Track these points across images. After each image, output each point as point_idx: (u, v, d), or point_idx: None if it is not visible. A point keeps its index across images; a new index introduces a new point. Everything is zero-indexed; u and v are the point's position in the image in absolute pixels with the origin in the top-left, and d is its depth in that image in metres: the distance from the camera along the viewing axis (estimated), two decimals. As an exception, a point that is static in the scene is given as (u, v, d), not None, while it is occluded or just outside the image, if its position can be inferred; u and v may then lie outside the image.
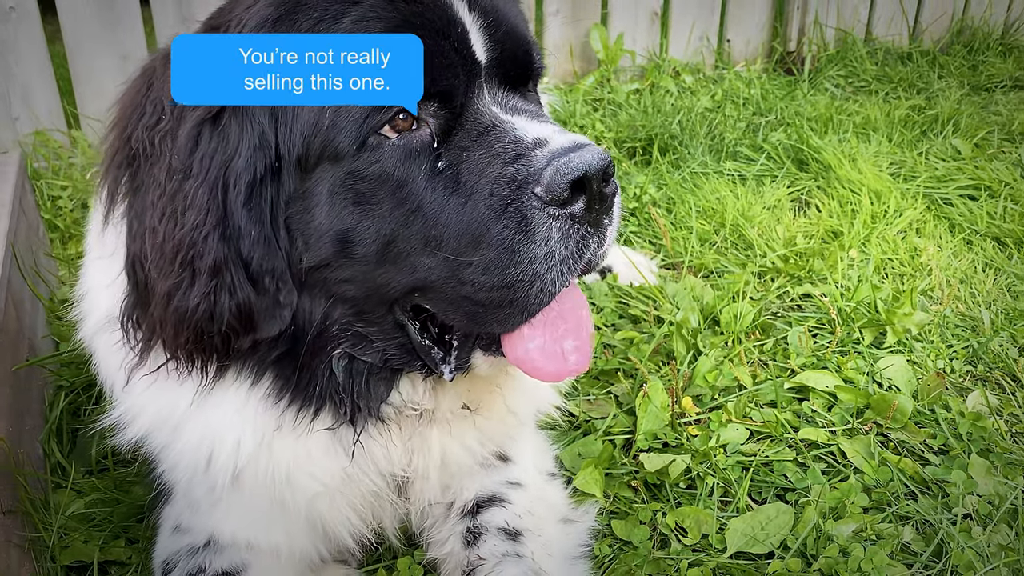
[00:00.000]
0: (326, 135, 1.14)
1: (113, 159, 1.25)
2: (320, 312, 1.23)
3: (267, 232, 1.17)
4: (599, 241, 1.17)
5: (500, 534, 1.43)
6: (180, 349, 1.20)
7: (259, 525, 1.43)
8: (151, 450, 1.44)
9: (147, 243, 1.18)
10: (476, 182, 1.15)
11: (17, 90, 3.36)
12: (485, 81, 1.21)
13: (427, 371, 1.30)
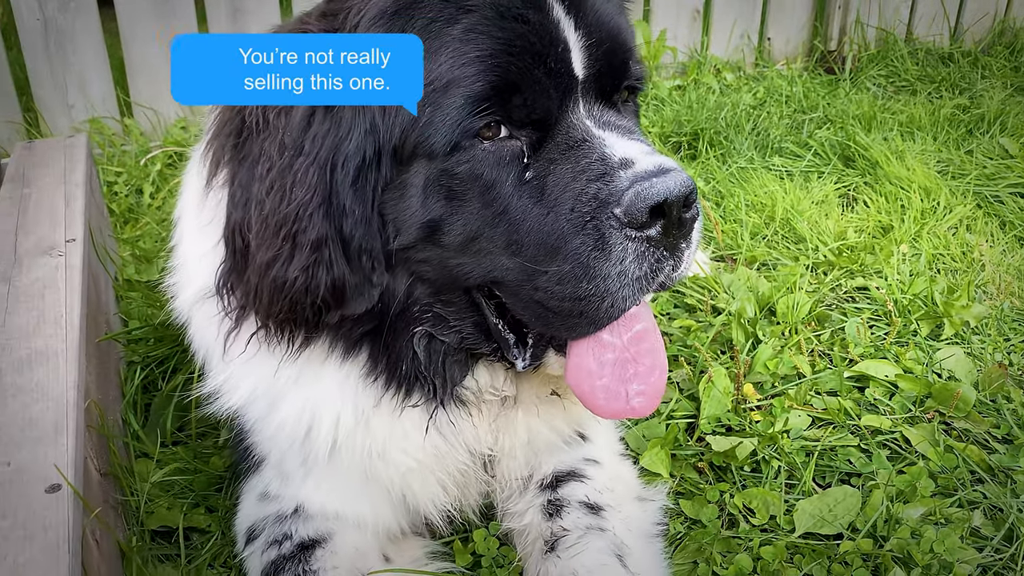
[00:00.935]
0: (422, 132, 1.18)
1: (223, 128, 1.30)
2: (402, 289, 1.27)
3: (368, 213, 1.21)
4: (674, 264, 1.19)
5: (582, 508, 1.47)
6: (272, 318, 1.25)
7: (348, 497, 1.48)
8: (246, 421, 1.49)
9: (251, 213, 1.23)
10: (560, 195, 1.19)
11: (74, 78, 3.43)
12: (581, 95, 1.23)
13: (500, 356, 1.33)
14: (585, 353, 1.26)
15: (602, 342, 1.25)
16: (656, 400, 1.27)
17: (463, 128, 1.17)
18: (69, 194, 2.12)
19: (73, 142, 2.50)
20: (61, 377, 1.41)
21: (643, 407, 1.27)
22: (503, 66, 1.16)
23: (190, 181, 1.62)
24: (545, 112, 1.20)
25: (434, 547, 1.57)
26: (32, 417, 1.31)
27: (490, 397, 1.41)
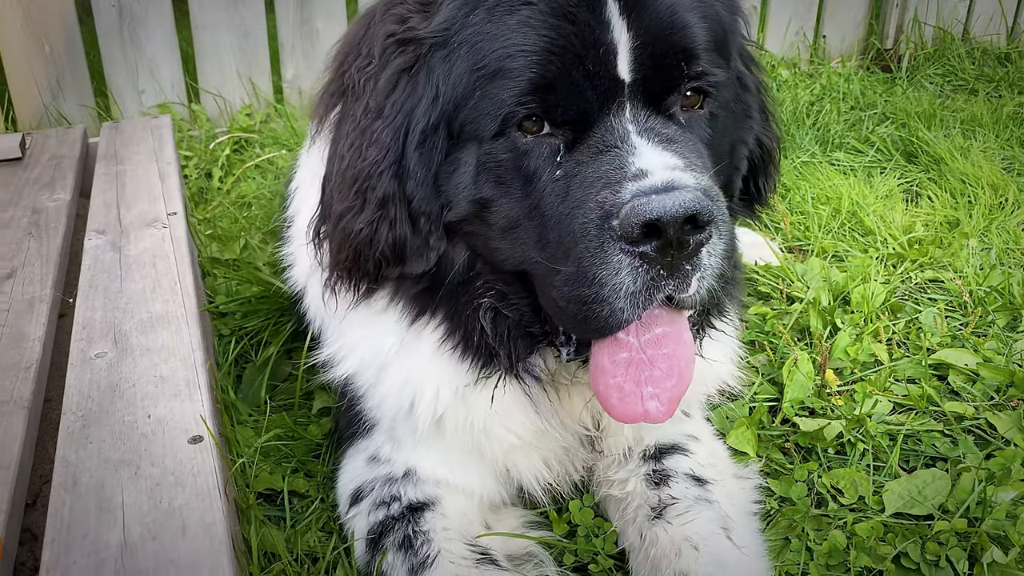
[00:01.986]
0: (470, 113, 1.23)
1: (327, 88, 1.40)
2: (461, 261, 1.32)
3: (428, 177, 1.27)
4: (676, 285, 1.15)
5: (688, 479, 1.50)
6: (340, 265, 1.33)
7: (455, 466, 1.52)
8: (357, 388, 1.54)
9: (335, 167, 1.32)
10: (577, 198, 1.19)
11: (145, 64, 3.52)
12: (629, 99, 1.22)
13: (550, 342, 1.37)
14: (601, 351, 1.26)
15: (617, 340, 1.24)
16: (672, 408, 1.24)
17: (506, 117, 1.20)
18: (163, 171, 2.19)
19: (158, 123, 2.58)
20: (185, 339, 1.47)
21: (658, 413, 1.23)
22: (543, 64, 1.18)
23: (306, 157, 1.69)
24: (581, 113, 1.20)
25: (530, 517, 1.60)
26: (163, 375, 1.37)
27: (565, 380, 1.43)
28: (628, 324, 1.18)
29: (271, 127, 3.56)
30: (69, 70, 3.43)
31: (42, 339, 1.49)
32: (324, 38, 3.69)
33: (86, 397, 1.31)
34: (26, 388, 1.35)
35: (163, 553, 1.02)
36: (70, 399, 1.31)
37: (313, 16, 3.65)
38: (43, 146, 2.46)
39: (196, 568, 0.99)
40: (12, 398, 1.33)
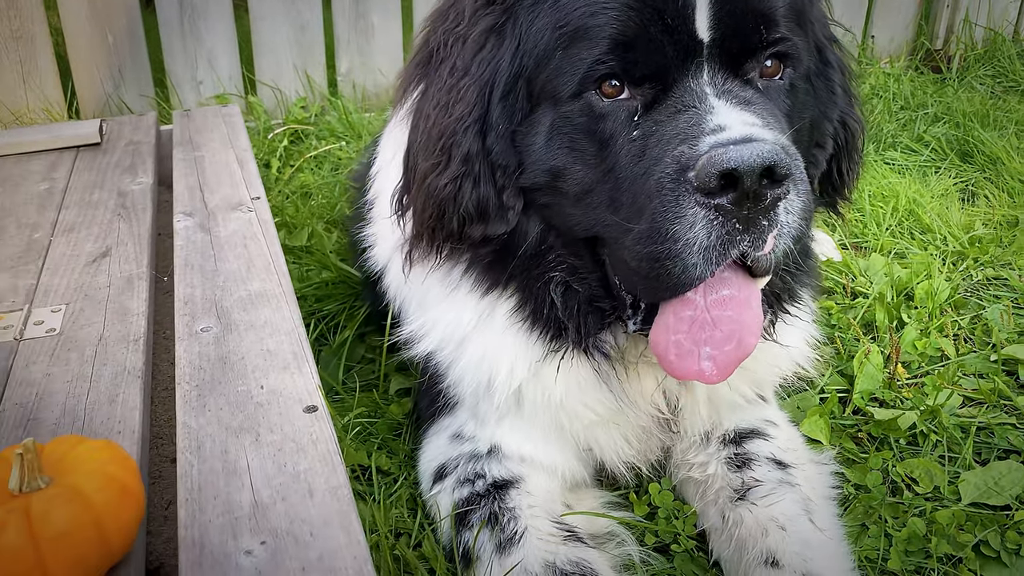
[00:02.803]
0: (550, 73, 1.24)
1: (413, 59, 1.44)
2: (535, 232, 1.35)
3: (508, 135, 1.30)
4: (751, 241, 1.14)
5: (769, 463, 1.53)
6: (424, 224, 1.35)
7: (538, 443, 1.55)
8: (439, 364, 1.58)
9: (420, 130, 1.35)
10: (654, 156, 1.19)
11: (204, 55, 3.59)
12: (707, 60, 1.22)
13: (618, 316, 1.38)
14: (667, 310, 1.26)
15: (684, 298, 1.24)
16: (727, 371, 1.23)
17: (584, 78, 1.21)
18: (240, 158, 2.25)
19: (228, 111, 2.64)
20: (286, 316, 1.51)
21: (711, 374, 1.23)
22: (623, 21, 1.18)
23: (388, 139, 1.73)
24: (660, 72, 1.20)
25: (609, 498, 1.64)
26: (270, 349, 1.42)
27: (633, 359, 1.46)
28: (700, 282, 1.18)
29: (326, 120, 3.61)
30: (130, 60, 3.51)
31: (145, 314, 1.54)
32: (379, 33, 3.75)
33: (197, 368, 1.36)
34: (138, 359, 1.41)
35: (294, 514, 1.06)
36: (182, 370, 1.36)
37: (369, 11, 3.70)
38: (119, 132, 2.52)
39: (328, 527, 1.04)
40: (126, 368, 1.38)
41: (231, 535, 1.03)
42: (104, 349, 1.43)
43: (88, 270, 1.70)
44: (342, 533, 1.03)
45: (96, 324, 1.51)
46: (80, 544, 0.92)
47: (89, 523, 0.93)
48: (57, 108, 3.45)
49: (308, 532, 1.03)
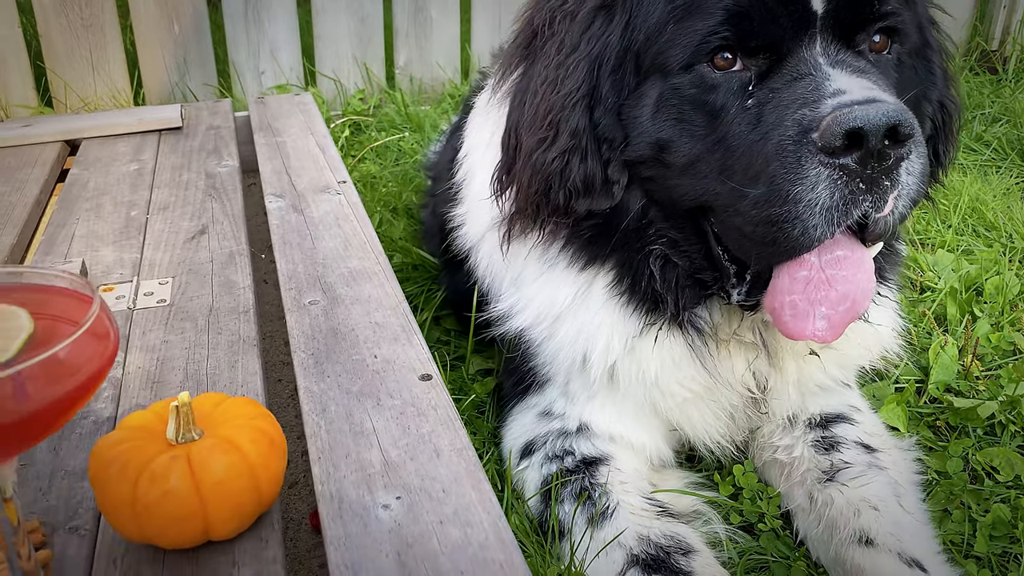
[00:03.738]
0: (662, 47, 1.27)
1: (515, 40, 1.49)
2: (636, 206, 1.38)
3: (616, 107, 1.33)
4: (873, 202, 1.16)
5: (857, 446, 1.55)
6: (530, 199, 1.39)
7: (628, 422, 1.59)
8: (530, 342, 1.62)
9: (526, 107, 1.38)
10: (771, 121, 1.21)
11: (266, 46, 3.66)
12: (820, 31, 1.25)
13: (720, 287, 1.40)
14: (782, 272, 1.28)
15: (799, 259, 1.26)
16: (839, 331, 1.25)
17: (697, 51, 1.23)
18: (320, 144, 2.30)
19: (302, 99, 2.70)
20: (389, 292, 1.56)
21: (825, 333, 1.24)
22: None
23: (477, 122, 1.78)
24: (775, 43, 1.23)
25: (692, 478, 1.67)
26: (378, 322, 1.46)
27: (725, 337, 1.49)
28: (819, 243, 1.19)
29: (384, 112, 3.67)
30: (196, 50, 3.59)
31: (251, 287, 1.60)
32: (437, 26, 3.80)
33: (311, 338, 1.41)
34: (251, 329, 1.46)
35: (424, 472, 1.10)
36: (296, 340, 1.41)
37: (428, 5, 3.76)
38: (197, 117, 2.59)
39: (459, 484, 1.08)
40: (241, 337, 1.43)
41: (366, 490, 1.07)
42: (216, 319, 1.49)
43: (188, 246, 1.76)
44: (473, 491, 1.07)
45: (204, 296, 1.57)
46: (237, 492, 0.97)
47: (245, 472, 0.98)
48: (124, 96, 3.53)
49: (440, 489, 1.07)
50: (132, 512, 0.95)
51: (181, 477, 0.95)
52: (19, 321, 0.78)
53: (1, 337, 0.76)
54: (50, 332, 0.77)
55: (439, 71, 3.86)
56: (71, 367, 0.73)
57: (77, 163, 2.22)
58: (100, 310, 0.76)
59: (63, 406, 0.74)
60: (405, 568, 0.95)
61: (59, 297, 0.81)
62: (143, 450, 0.98)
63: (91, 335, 0.74)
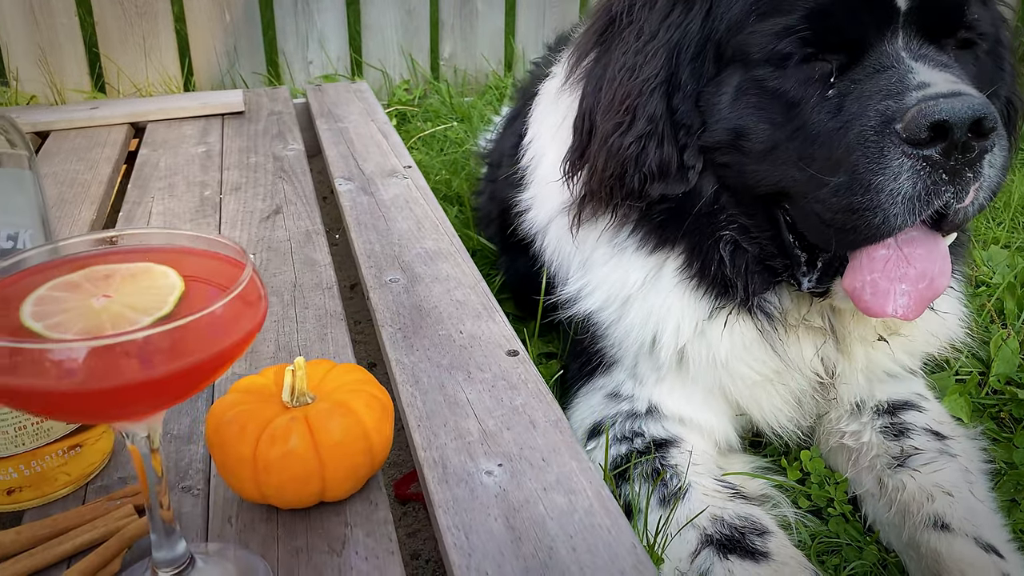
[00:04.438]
0: (744, 37, 1.29)
1: (590, 28, 1.51)
2: (709, 192, 1.40)
3: (694, 93, 1.35)
4: (955, 193, 1.17)
5: (927, 433, 1.57)
6: (604, 183, 1.41)
7: (697, 406, 1.61)
8: (599, 324, 1.64)
9: (602, 92, 1.41)
10: (853, 111, 1.23)
11: (315, 36, 3.71)
12: (903, 28, 1.26)
13: (791, 274, 1.42)
14: (860, 253, 1.30)
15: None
16: (919, 308, 1.26)
17: (778, 43, 1.25)
18: (382, 130, 2.34)
19: (358, 87, 2.73)
20: (466, 271, 1.59)
21: (905, 310, 1.26)
22: None
23: (545, 108, 1.80)
24: (857, 38, 1.24)
25: (759, 463, 1.69)
26: (459, 299, 1.49)
27: (794, 322, 1.50)
28: (898, 232, 1.21)
29: (428, 103, 3.71)
30: (246, 38, 3.64)
31: (330, 265, 1.63)
32: (482, 18, 3.83)
33: (395, 314, 1.44)
34: (336, 304, 1.49)
35: (522, 441, 1.13)
36: (382, 314, 1.44)
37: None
38: (258, 103, 2.63)
39: (558, 454, 1.11)
40: (327, 311, 1.47)
41: (468, 457, 1.10)
42: (301, 295, 1.52)
43: (265, 225, 1.80)
44: (572, 460, 1.10)
45: (286, 273, 1.60)
46: (353, 454, 1.00)
47: (360, 435, 1.01)
48: (175, 82, 3.59)
49: (540, 458, 1.10)
50: (252, 471, 0.98)
51: (301, 438, 0.98)
52: (170, 279, 0.82)
53: (155, 294, 0.80)
54: (198, 293, 0.81)
55: (483, 63, 3.89)
56: (225, 326, 0.76)
57: (145, 144, 2.27)
58: (252, 274, 0.79)
59: (215, 363, 0.77)
60: (514, 531, 0.98)
61: (206, 260, 0.84)
62: (261, 412, 1.01)
63: (243, 298, 0.77)
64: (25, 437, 1.00)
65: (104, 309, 0.77)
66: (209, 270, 0.83)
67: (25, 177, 0.95)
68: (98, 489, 1.08)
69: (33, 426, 1.01)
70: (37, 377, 0.68)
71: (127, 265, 0.83)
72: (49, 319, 0.75)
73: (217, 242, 0.84)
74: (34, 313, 0.76)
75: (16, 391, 0.68)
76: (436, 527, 1.01)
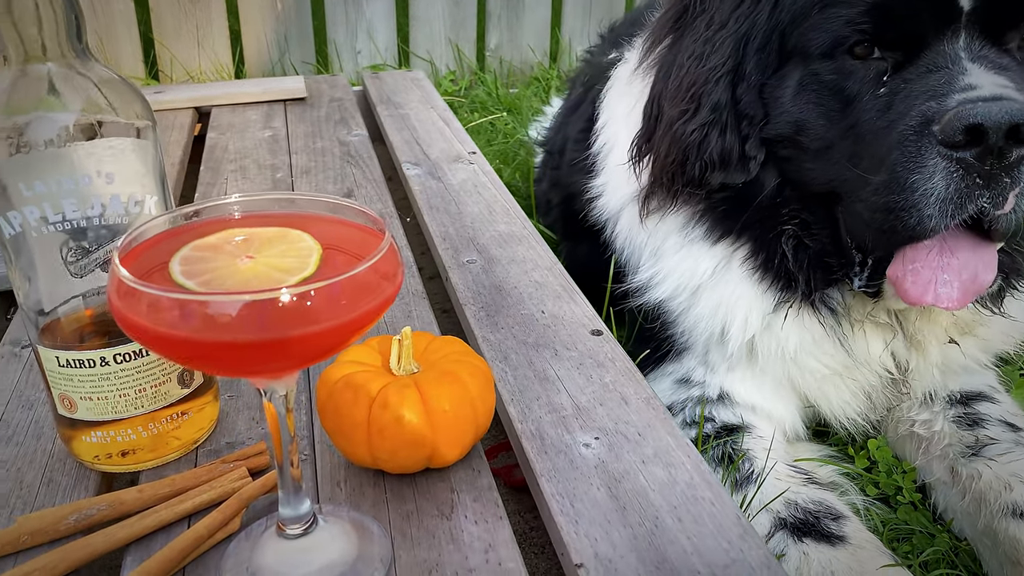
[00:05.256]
0: (805, 31, 1.30)
1: (665, 13, 1.54)
2: (771, 184, 1.41)
3: (758, 84, 1.37)
4: (991, 198, 1.17)
5: (1001, 423, 1.57)
6: (666, 169, 1.44)
7: (765, 393, 1.62)
8: (669, 312, 1.66)
9: (671, 79, 1.43)
10: (900, 111, 1.23)
11: (364, 26, 3.74)
12: (964, 27, 1.25)
13: (844, 273, 1.43)
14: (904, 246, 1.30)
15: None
16: (962, 299, 1.26)
17: (838, 38, 1.26)
18: (443, 117, 2.36)
19: (415, 75, 2.76)
20: (541, 253, 1.61)
21: (948, 300, 1.26)
22: None
23: (615, 94, 1.82)
24: (914, 37, 1.24)
25: (826, 451, 1.70)
26: (537, 281, 1.52)
27: (859, 318, 1.51)
28: (934, 234, 1.22)
29: (474, 93, 3.73)
30: (296, 27, 3.68)
31: (407, 246, 1.66)
32: (529, 9, 3.85)
33: (476, 294, 1.46)
34: (417, 283, 1.52)
35: (616, 416, 1.15)
36: (463, 294, 1.47)
37: (525, -9, 3.81)
38: (318, 90, 2.67)
39: (653, 429, 1.13)
40: (410, 290, 1.49)
41: (564, 430, 1.12)
42: (382, 273, 1.55)
43: (337, 207, 1.83)
44: (668, 436, 1.12)
45: (364, 252, 1.63)
46: (461, 421, 1.03)
47: (467, 403, 1.04)
48: (226, 70, 3.64)
49: (635, 432, 1.12)
50: (366, 436, 1.01)
51: (414, 403, 1.01)
52: (307, 242, 0.84)
53: (295, 256, 0.83)
54: (333, 257, 0.83)
55: (529, 54, 3.91)
56: (371, 287, 0.78)
57: (212, 128, 2.31)
58: (391, 240, 0.82)
59: (352, 327, 0.79)
60: (618, 501, 1.00)
61: (340, 227, 0.87)
62: (373, 379, 1.04)
63: (389, 258, 0.79)
64: (144, 400, 1.04)
65: (249, 269, 0.80)
66: (339, 236, 0.86)
67: (148, 146, 0.98)
68: (206, 453, 1.11)
69: (152, 389, 1.04)
70: (200, 330, 0.71)
71: (262, 229, 0.86)
72: (199, 277, 0.78)
73: (355, 209, 0.87)
74: (183, 272, 0.79)
75: (180, 341, 0.71)
76: (539, 496, 1.03)
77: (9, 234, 0.94)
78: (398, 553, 0.94)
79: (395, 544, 0.95)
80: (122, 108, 0.95)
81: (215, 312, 0.71)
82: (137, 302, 0.72)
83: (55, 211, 0.93)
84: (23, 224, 0.93)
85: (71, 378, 1.01)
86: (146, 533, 0.96)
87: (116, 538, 0.95)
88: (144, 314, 0.72)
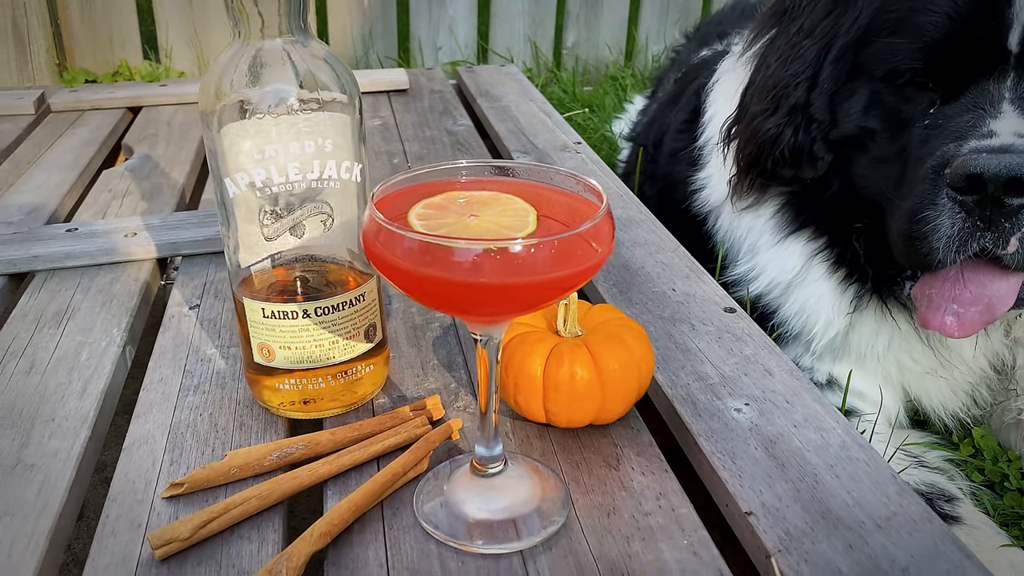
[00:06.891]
0: (871, 52, 1.38)
1: (767, 11, 1.64)
2: (837, 185, 1.51)
3: (830, 93, 1.46)
4: (994, 240, 1.25)
5: (1106, 414, 1.61)
6: (742, 159, 1.55)
7: (868, 383, 1.68)
8: (767, 304, 1.73)
9: (759, 75, 1.54)
10: (931, 146, 1.32)
11: (446, 22, 3.85)
12: (1013, 68, 1.30)
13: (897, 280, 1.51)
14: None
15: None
16: (967, 331, 1.34)
17: (894, 66, 1.35)
18: (543, 109, 2.45)
19: (509, 70, 2.85)
20: (662, 236, 1.68)
21: (952, 328, 1.34)
22: (936, 26, 1.31)
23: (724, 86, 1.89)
24: (963, 74, 1.31)
25: (928, 438, 1.75)
26: (663, 262, 1.58)
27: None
28: (942, 267, 1.30)
29: (550, 91, 3.81)
30: (381, 23, 3.80)
31: (530, 227, 1.74)
32: (607, 7, 3.93)
33: (605, 272, 1.54)
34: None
35: (762, 385, 1.22)
36: (594, 272, 1.54)
37: (604, -10, 3.88)
38: (416, 83, 2.77)
39: (799, 397, 1.19)
40: (541, 267, 1.57)
41: (713, 396, 1.19)
42: (512, 251, 1.63)
43: (457, 190, 1.92)
44: (816, 404, 1.18)
45: (491, 232, 1.71)
46: (627, 380, 1.10)
47: (632, 364, 1.11)
48: (312, 64, 3.76)
49: (784, 400, 1.19)
50: (541, 390, 1.09)
51: (586, 362, 1.09)
52: (521, 204, 0.93)
53: (514, 216, 0.91)
54: (545, 220, 0.91)
55: (605, 52, 3.98)
56: (578, 252, 0.86)
57: (323, 115, 2.41)
58: (608, 209, 0.89)
59: (568, 282, 0.87)
60: (776, 459, 1.07)
61: (548, 193, 0.95)
62: (544, 338, 1.12)
63: (601, 225, 0.87)
64: (336, 351, 1.13)
65: (478, 224, 0.88)
66: (547, 201, 0.94)
67: (357, 119, 1.08)
68: (380, 406, 1.20)
69: (344, 342, 1.13)
70: (444, 271, 0.80)
71: (478, 192, 0.95)
72: (437, 230, 0.86)
73: (574, 179, 0.95)
74: (423, 225, 0.87)
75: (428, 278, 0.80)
76: (698, 455, 1.11)
77: (233, 193, 1.04)
78: (574, 497, 1.02)
79: (570, 489, 1.03)
80: (336, 82, 1.04)
81: (459, 258, 0.80)
82: (396, 245, 0.81)
83: (280, 174, 1.02)
84: (249, 184, 1.03)
85: (273, 328, 1.10)
86: (343, 470, 1.06)
87: (318, 473, 1.04)
88: (401, 255, 0.81)
